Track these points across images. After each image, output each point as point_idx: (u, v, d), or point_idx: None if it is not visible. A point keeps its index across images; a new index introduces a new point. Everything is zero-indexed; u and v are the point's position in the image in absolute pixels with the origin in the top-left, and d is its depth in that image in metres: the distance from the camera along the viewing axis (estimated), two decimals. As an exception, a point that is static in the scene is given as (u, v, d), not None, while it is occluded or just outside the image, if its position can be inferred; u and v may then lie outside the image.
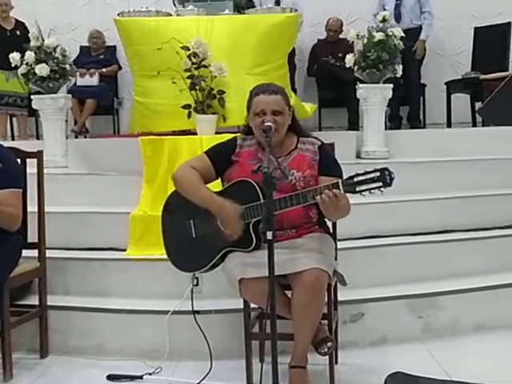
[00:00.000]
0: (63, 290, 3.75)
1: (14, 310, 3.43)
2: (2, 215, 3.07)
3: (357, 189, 2.58)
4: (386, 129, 5.50)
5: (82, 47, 7.16)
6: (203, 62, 4.23)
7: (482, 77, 6.37)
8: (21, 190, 3.22)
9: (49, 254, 3.74)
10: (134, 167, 4.20)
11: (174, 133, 4.37)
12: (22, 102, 6.51)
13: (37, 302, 3.49)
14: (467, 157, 4.78)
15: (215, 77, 4.23)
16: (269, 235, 2.38)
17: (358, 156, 4.95)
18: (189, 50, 4.21)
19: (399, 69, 4.91)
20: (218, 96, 4.29)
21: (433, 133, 5.51)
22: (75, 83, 6.75)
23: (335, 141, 4.57)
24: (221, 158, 2.97)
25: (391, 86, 4.90)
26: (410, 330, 3.57)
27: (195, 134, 4.34)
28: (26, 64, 4.84)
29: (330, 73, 6.71)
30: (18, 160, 3.39)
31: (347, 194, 2.68)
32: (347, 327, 3.45)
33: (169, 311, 3.36)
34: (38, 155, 3.48)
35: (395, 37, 4.81)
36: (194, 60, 4.22)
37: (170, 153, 4.12)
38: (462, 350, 3.41)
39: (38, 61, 4.84)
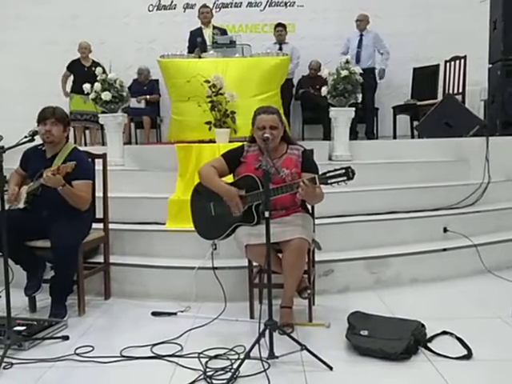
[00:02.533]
0: (121, 252, 3.74)
1: (86, 265, 3.45)
2: (76, 198, 3.08)
3: (328, 181, 2.58)
4: (349, 140, 5.55)
5: (134, 80, 7.12)
6: (220, 91, 4.22)
7: (419, 103, 6.35)
8: (91, 182, 3.22)
9: (111, 226, 3.76)
10: (171, 166, 4.19)
11: (199, 141, 4.35)
12: (95, 118, 6.49)
13: (102, 260, 3.51)
14: (407, 160, 4.77)
15: (228, 101, 4.22)
16: (266, 214, 2.39)
17: (330, 159, 4.93)
18: (209, 82, 4.19)
19: (360, 96, 4.88)
20: (230, 115, 4.28)
21: (383, 143, 5.49)
22: (129, 106, 6.73)
23: (314, 147, 4.59)
24: (232, 159, 2.98)
25: (353, 109, 4.88)
26: (366, 282, 3.58)
27: (214, 142, 4.33)
28: (95, 92, 4.83)
29: (311, 99, 6.66)
30: (89, 159, 3.40)
31: (322, 186, 2.69)
32: (321, 279, 3.45)
33: (195, 267, 3.38)
34: (103, 156, 3.47)
35: (355, 73, 4.78)
36: (213, 89, 4.21)
37: (196, 155, 4.12)
38: (403, 296, 3.42)
39: (104, 89, 4.83)
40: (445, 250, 3.83)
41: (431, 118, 5.48)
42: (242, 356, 2.45)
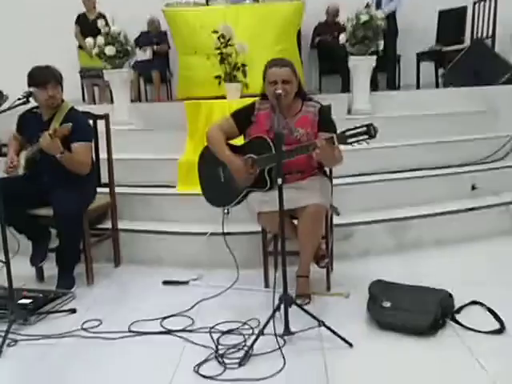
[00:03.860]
0: (130, 217, 3.59)
1: (94, 232, 3.33)
2: (76, 164, 2.89)
3: (348, 141, 2.34)
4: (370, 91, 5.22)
5: (142, 32, 6.78)
6: (229, 42, 3.92)
7: (445, 49, 5.93)
8: (90, 144, 3.01)
9: (119, 190, 3.60)
10: (180, 124, 3.95)
11: (209, 98, 4.09)
12: (102, 74, 6.23)
13: (111, 226, 3.38)
14: (432, 111, 4.46)
15: (239, 54, 3.93)
16: (279, 181, 2.18)
17: (349, 112, 4.64)
18: (217, 32, 3.89)
19: (381, 44, 4.53)
20: (241, 68, 3.99)
21: (406, 94, 5.09)
22: (136, 60, 6.46)
23: (332, 102, 4.31)
24: (242, 119, 2.73)
25: (374, 57, 4.54)
26: (387, 245, 3.37)
27: (225, 98, 4.07)
28: (98, 46, 4.57)
29: (328, 48, 6.29)
30: (91, 121, 3.20)
31: (341, 146, 2.46)
32: (340, 244, 3.25)
33: (207, 233, 3.22)
34: (106, 117, 3.26)
35: (377, 18, 4.42)
36: (222, 40, 3.91)
37: (206, 113, 3.88)
38: (427, 260, 3.21)
39: (107, 43, 4.57)
40: (472, 209, 3.60)
41: (458, 66, 5.11)
42: (255, 331, 2.31)
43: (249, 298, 2.77)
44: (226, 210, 2.76)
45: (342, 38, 4.52)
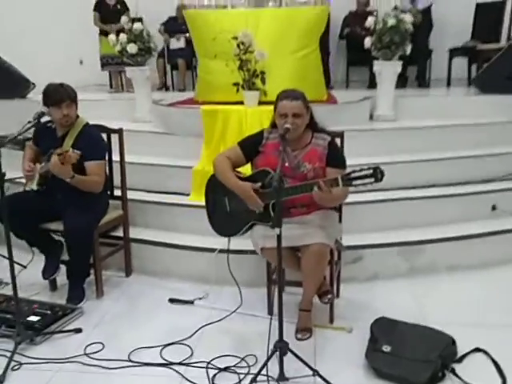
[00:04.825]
0: (144, 224, 3.60)
1: (107, 241, 3.37)
2: (88, 184, 2.90)
3: (353, 183, 2.25)
4: (397, 87, 5.02)
5: (169, 17, 6.67)
6: (249, 49, 3.79)
7: (479, 47, 5.61)
8: (104, 162, 3.01)
9: (133, 195, 3.64)
10: (198, 130, 3.88)
11: (228, 102, 3.99)
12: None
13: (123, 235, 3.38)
14: (458, 121, 4.25)
15: (258, 60, 3.80)
16: (277, 231, 2.12)
17: (371, 117, 4.48)
18: (237, 39, 3.77)
19: (408, 48, 4.31)
20: (259, 76, 3.87)
21: (433, 100, 4.82)
22: (168, 47, 6.37)
23: (354, 107, 4.18)
24: (250, 148, 2.65)
25: (401, 62, 4.33)
26: (397, 269, 3.28)
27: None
28: (120, 44, 4.50)
29: (357, 39, 6.03)
30: (104, 135, 3.18)
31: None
32: (349, 267, 3.18)
33: (216, 249, 3.20)
34: (119, 132, 3.23)
35: (405, 22, 4.20)
36: (241, 47, 3.79)
37: (223, 121, 3.80)
38: (437, 288, 3.13)
39: (129, 41, 4.50)
40: (492, 233, 3.44)
41: (491, 70, 4.82)
42: (252, 370, 2.31)
43: (251, 324, 2.75)
44: (229, 241, 2.72)
45: (368, 41, 4.32)
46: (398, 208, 3.50)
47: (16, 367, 2.40)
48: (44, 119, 3.03)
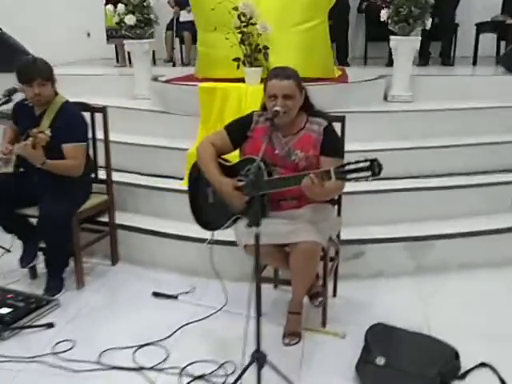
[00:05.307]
0: (134, 209, 3.40)
1: (93, 227, 3.18)
2: (63, 169, 2.69)
3: (347, 176, 1.97)
4: (416, 64, 4.66)
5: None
6: (251, 21, 3.49)
7: (509, 21, 5.17)
8: (83, 144, 2.77)
9: (125, 178, 3.47)
10: (195, 110, 3.61)
11: (228, 79, 3.71)
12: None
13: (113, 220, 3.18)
14: (481, 104, 3.89)
15: (260, 34, 3.50)
16: (255, 229, 1.87)
17: (386, 98, 4.15)
18: (237, 10, 3.46)
19: (429, 22, 3.94)
20: (262, 51, 3.57)
21: (455, 80, 4.38)
22: (177, 19, 6.07)
23: (366, 86, 3.84)
24: (237, 133, 2.38)
25: (419, 38, 3.97)
26: (403, 266, 3.00)
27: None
28: (118, 14, 4.24)
29: (376, 12, 5.61)
30: (87, 114, 2.95)
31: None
32: (350, 263, 2.92)
33: (207, 239, 2.97)
34: (103, 110, 3.00)
35: (426, -8, 3.83)
36: (242, 19, 3.49)
37: (221, 99, 3.53)
38: (445, 289, 2.85)
39: (128, 11, 4.23)
40: (510, 229, 3.14)
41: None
42: (229, 379, 2.10)
43: (236, 325, 2.49)
44: (210, 239, 2.48)
45: (384, 14, 3.97)
46: (406, 199, 3.21)
47: (-22, 366, 2.24)
48: (20, 96, 2.85)
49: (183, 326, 2.50)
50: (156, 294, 2.83)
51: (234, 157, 2.48)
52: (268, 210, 2.28)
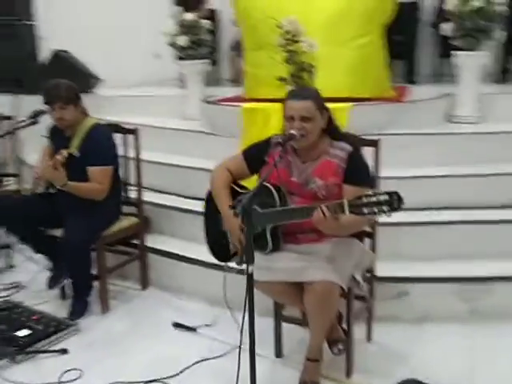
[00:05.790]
0: (170, 232, 3.32)
1: (124, 249, 3.14)
2: (85, 192, 2.67)
3: (363, 210, 1.73)
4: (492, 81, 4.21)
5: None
6: (295, 38, 3.32)
7: None
8: (109, 167, 2.72)
9: (163, 199, 3.44)
10: (239, 131, 3.49)
11: (277, 100, 3.54)
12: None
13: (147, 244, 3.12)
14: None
15: (304, 52, 3.31)
16: (249, 269, 1.66)
17: (449, 120, 3.77)
18: (281, 28, 3.30)
19: (499, 35, 3.55)
20: (307, 69, 3.38)
21: None
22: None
23: (425, 106, 3.52)
24: (254, 158, 2.19)
25: (487, 53, 3.58)
26: (454, 311, 2.63)
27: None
28: (171, 35, 4.24)
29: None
30: (119, 136, 2.92)
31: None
32: (391, 303, 2.61)
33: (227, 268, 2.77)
34: (136, 133, 2.95)
35: (494, 2, 3.43)
36: (287, 37, 3.32)
37: (263, 121, 3.36)
38: (503, 340, 2.46)
39: (181, 32, 4.23)
40: None
41: None
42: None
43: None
44: (226, 267, 2.29)
45: (447, 28, 3.63)
46: (459, 233, 2.83)
47: (-16, 390, 2.22)
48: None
49: (196, 363, 2.34)
50: (176, 325, 2.70)
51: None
52: (282, 243, 2.07)
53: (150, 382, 2.23)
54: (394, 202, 1.67)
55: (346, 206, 1.75)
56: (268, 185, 2.04)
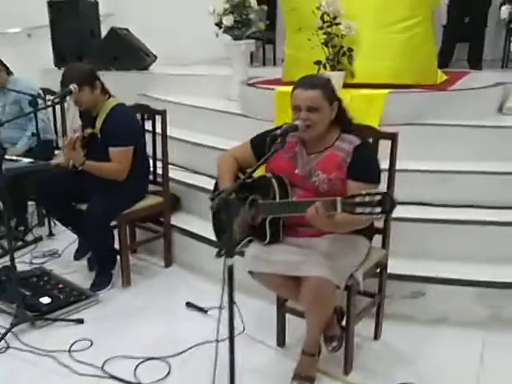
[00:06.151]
0: (198, 212, 3.35)
1: (152, 226, 3.24)
2: (104, 172, 2.74)
3: (356, 210, 1.65)
4: None
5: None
6: (335, 21, 3.19)
7: None
8: (129, 148, 2.76)
9: (193, 179, 3.49)
10: (272, 114, 3.44)
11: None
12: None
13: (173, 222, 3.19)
14: None
15: (344, 35, 3.18)
16: (228, 262, 1.65)
17: (500, 110, 3.51)
18: (320, 9, 3.18)
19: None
20: (347, 53, 3.25)
21: None
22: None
23: (475, 95, 3.30)
24: (261, 147, 2.12)
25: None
26: (474, 315, 2.48)
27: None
28: (217, 15, 4.23)
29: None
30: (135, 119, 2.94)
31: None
32: (406, 303, 2.52)
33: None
34: (162, 114, 2.98)
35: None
36: (326, 19, 3.20)
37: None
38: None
39: (226, 11, 4.19)
40: None
41: None
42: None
43: (252, 353, 2.33)
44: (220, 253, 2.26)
45: (504, 10, 3.36)
46: (484, 234, 2.65)
47: (2, 350, 2.37)
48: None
49: (194, 346, 2.38)
50: (189, 305, 2.75)
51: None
52: (281, 235, 2.04)
53: (148, 359, 2.29)
54: (386, 203, 1.58)
55: (338, 204, 1.69)
56: (269, 175, 2.01)
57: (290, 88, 3.45)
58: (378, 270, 2.30)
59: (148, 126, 3.11)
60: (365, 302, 2.33)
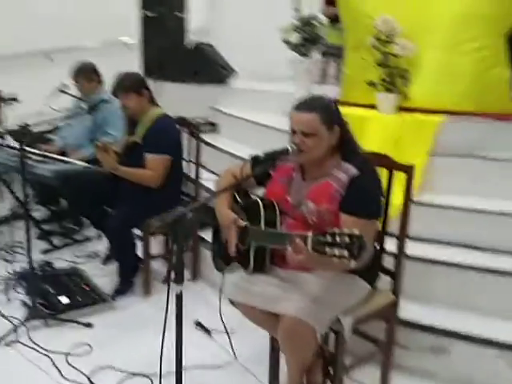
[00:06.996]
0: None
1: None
2: (137, 178, 2.77)
3: (325, 250, 1.47)
4: None
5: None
6: (388, 39, 2.94)
7: None
8: (165, 157, 2.78)
9: None
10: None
11: (366, 105, 3.22)
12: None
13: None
14: None
15: (398, 55, 2.91)
16: (178, 290, 1.54)
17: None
18: (375, 28, 2.95)
19: None
20: (401, 75, 2.98)
21: None
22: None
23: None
24: (261, 169, 1.99)
25: None
26: (504, 379, 2.12)
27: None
28: (285, 32, 4.14)
29: None
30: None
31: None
32: (425, 358, 2.22)
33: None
34: (194, 126, 2.95)
35: None
36: (380, 38, 2.97)
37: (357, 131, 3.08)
38: None
39: (295, 29, 4.10)
40: None
41: None
42: None
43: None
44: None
45: None
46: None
47: (11, 343, 2.45)
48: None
49: (193, 367, 2.28)
50: (197, 324, 2.67)
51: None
52: (267, 265, 1.88)
53: (135, 374, 2.25)
54: (354, 247, 1.38)
55: (309, 241, 1.51)
56: (257, 200, 1.87)
57: (345, 109, 3.31)
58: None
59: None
60: (369, 347, 2.10)
